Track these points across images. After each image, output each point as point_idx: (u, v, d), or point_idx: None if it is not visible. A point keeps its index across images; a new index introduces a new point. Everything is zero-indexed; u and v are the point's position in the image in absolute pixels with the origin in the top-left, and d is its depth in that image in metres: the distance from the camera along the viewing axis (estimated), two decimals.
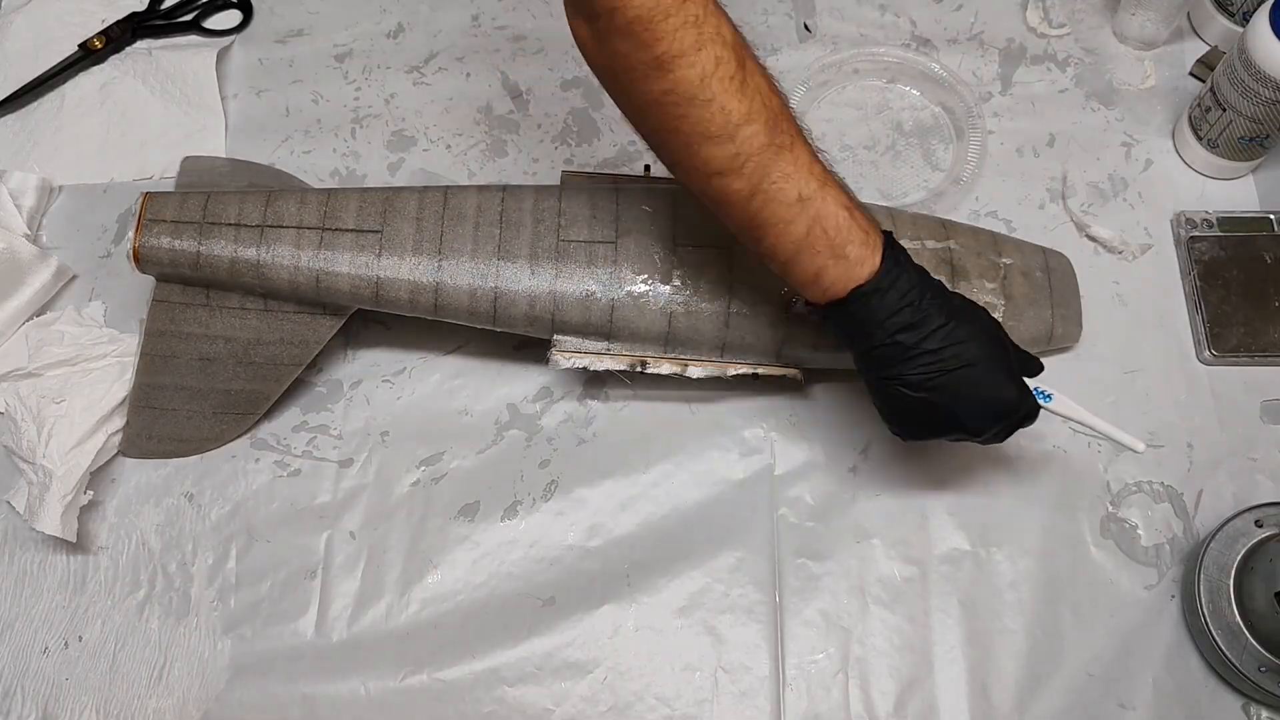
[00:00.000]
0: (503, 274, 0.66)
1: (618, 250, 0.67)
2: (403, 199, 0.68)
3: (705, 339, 0.67)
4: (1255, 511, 0.65)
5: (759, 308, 0.66)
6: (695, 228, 0.67)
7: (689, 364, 0.68)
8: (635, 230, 0.67)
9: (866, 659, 0.66)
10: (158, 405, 0.71)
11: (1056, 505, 0.69)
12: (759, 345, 0.67)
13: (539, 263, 0.66)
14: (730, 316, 0.66)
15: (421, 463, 0.72)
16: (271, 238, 0.67)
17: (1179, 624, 0.66)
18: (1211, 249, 0.76)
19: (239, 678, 0.66)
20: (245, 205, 0.67)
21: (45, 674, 0.67)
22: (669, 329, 0.67)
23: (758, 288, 0.66)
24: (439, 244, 0.67)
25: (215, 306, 0.70)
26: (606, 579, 0.68)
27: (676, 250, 0.67)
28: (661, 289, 0.66)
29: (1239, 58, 0.71)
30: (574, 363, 0.67)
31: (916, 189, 0.80)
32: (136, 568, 0.69)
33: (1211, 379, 0.73)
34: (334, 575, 0.69)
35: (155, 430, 0.72)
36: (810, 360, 0.69)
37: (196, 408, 0.71)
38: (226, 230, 0.67)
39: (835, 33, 0.87)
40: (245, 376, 0.71)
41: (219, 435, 0.72)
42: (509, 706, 0.65)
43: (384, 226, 0.67)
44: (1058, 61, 0.85)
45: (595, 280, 0.66)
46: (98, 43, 0.86)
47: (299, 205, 0.68)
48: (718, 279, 0.66)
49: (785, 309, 0.66)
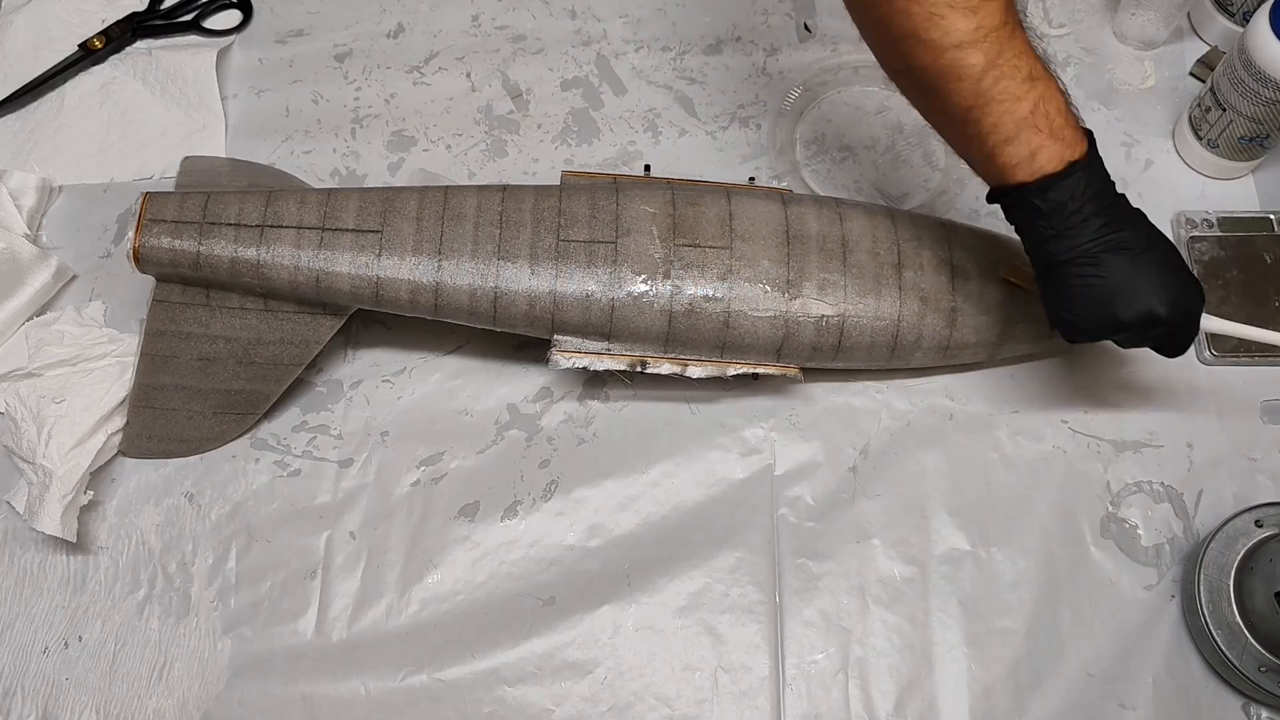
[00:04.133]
0: (503, 274, 0.66)
1: (618, 250, 0.67)
2: (403, 199, 0.68)
3: (705, 339, 0.67)
4: (1255, 511, 0.65)
5: (759, 307, 0.66)
6: (695, 227, 0.68)
7: (689, 364, 0.68)
8: (635, 230, 0.67)
9: (866, 659, 0.66)
10: (158, 405, 0.71)
11: (1056, 505, 0.69)
12: (759, 345, 0.67)
13: (539, 263, 0.66)
14: (730, 316, 0.66)
15: (421, 463, 0.72)
16: (271, 238, 0.66)
17: (1179, 624, 0.66)
18: (1211, 249, 0.76)
19: (239, 678, 0.66)
20: (245, 205, 0.67)
21: (45, 674, 0.67)
22: (669, 329, 0.67)
23: (757, 287, 0.66)
24: (439, 244, 0.67)
25: (215, 306, 0.69)
26: (606, 579, 0.68)
27: (677, 250, 0.67)
28: (662, 289, 0.66)
29: (1239, 58, 0.71)
30: (574, 363, 0.67)
31: (917, 189, 0.80)
32: (136, 568, 0.69)
33: (1211, 379, 0.73)
34: (334, 575, 0.69)
35: (155, 430, 0.72)
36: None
37: (197, 408, 0.71)
38: (226, 230, 0.67)
39: (835, 33, 0.87)
40: (245, 376, 0.71)
41: (219, 435, 0.72)
42: (509, 706, 0.65)
43: (384, 226, 0.67)
44: (1058, 62, 0.85)
45: (595, 280, 0.66)
46: (98, 43, 0.85)
47: (299, 205, 0.68)
48: (718, 279, 0.66)
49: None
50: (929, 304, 0.68)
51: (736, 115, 0.83)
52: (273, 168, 0.79)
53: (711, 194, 0.70)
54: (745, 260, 0.67)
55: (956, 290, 0.68)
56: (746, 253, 0.67)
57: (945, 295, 0.68)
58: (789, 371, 0.69)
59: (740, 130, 0.83)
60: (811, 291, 0.67)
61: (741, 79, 0.85)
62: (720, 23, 0.88)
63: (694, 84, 0.85)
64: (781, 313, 0.67)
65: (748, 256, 0.67)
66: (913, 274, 0.68)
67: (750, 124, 0.83)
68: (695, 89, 0.85)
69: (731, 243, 0.67)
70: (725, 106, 0.84)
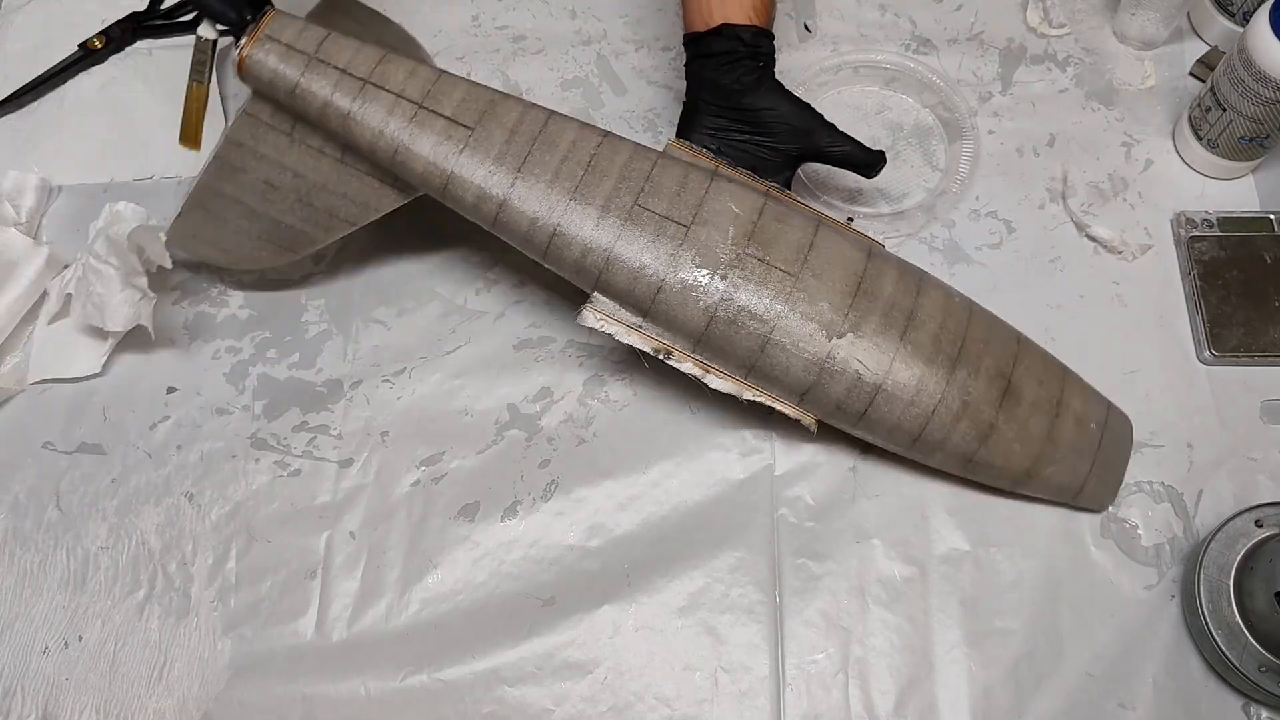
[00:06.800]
0: (569, 215, 0.65)
1: (688, 235, 0.65)
2: (505, 108, 0.68)
3: (737, 355, 0.65)
4: (1255, 511, 0.65)
5: (800, 346, 0.64)
6: (771, 243, 0.65)
7: (711, 372, 0.66)
8: (712, 223, 0.65)
9: (866, 659, 0.66)
10: (212, 210, 0.73)
11: (1056, 505, 0.69)
12: (785, 381, 0.65)
13: (607, 217, 0.65)
14: (769, 343, 0.64)
15: (421, 463, 0.72)
16: (369, 96, 0.67)
17: (1179, 624, 0.66)
18: (1211, 249, 0.76)
19: (239, 678, 0.66)
20: (358, 56, 0.68)
21: (45, 674, 0.67)
22: (705, 330, 0.65)
23: (808, 325, 0.64)
24: (521, 162, 0.66)
25: (296, 140, 0.71)
26: (606, 579, 0.68)
27: (744, 258, 0.64)
28: (714, 288, 0.64)
29: (1239, 58, 0.71)
30: (602, 325, 0.66)
31: (917, 189, 0.80)
32: (136, 568, 0.69)
33: (1211, 379, 0.73)
34: (334, 575, 0.69)
35: (202, 232, 0.73)
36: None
37: (246, 226, 0.73)
38: (331, 73, 0.67)
39: (835, 33, 0.87)
40: (300, 215, 0.72)
41: (256, 259, 0.74)
42: (509, 706, 0.65)
43: (477, 126, 0.67)
44: (1058, 61, 0.85)
45: (653, 255, 0.64)
46: (98, 43, 0.86)
47: (407, 75, 0.67)
48: (772, 301, 0.64)
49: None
50: (968, 411, 0.64)
51: None
52: (408, 33, 0.80)
53: (802, 218, 0.67)
54: (807, 294, 0.64)
55: (1003, 408, 0.65)
56: (811, 288, 0.64)
57: (989, 409, 0.65)
58: (805, 419, 0.66)
59: None
60: (858, 350, 0.64)
61: None
62: None
63: None
64: (820, 359, 0.64)
65: (810, 291, 0.64)
66: (965, 374, 0.64)
67: None
68: None
69: (800, 272, 0.64)
70: None
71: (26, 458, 0.73)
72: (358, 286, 0.78)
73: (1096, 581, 0.67)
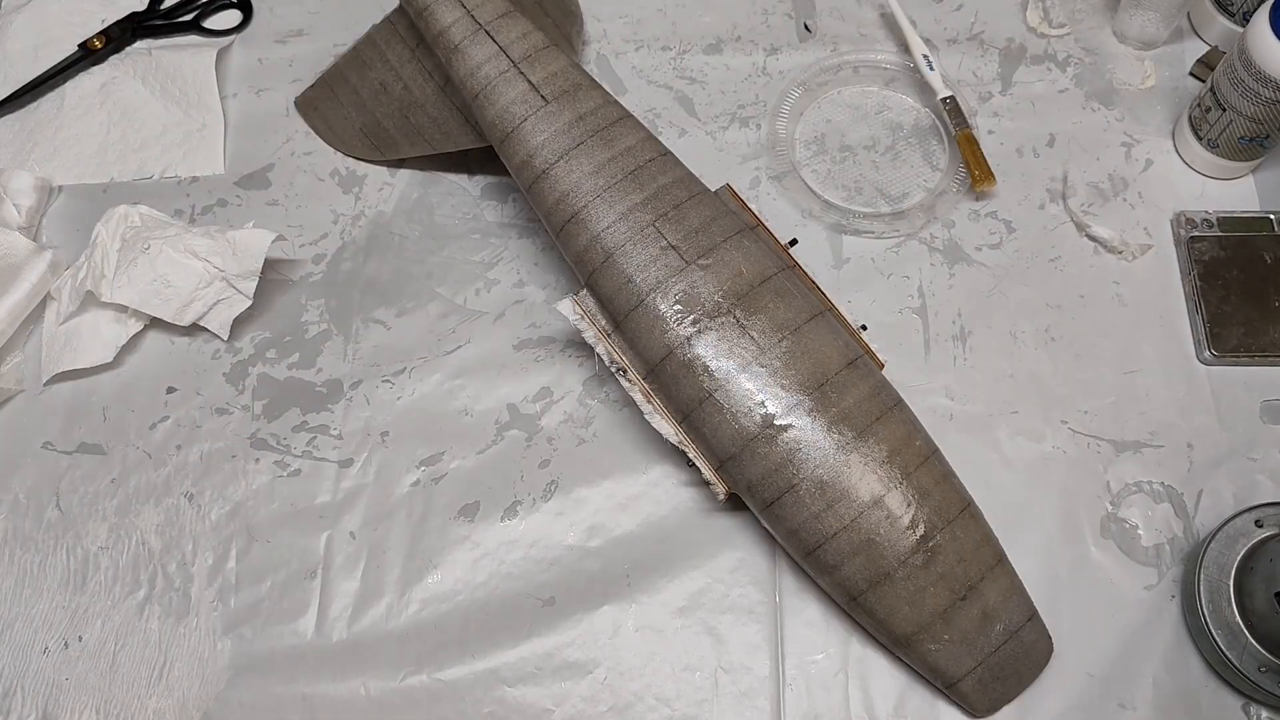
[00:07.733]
0: (591, 207, 0.67)
1: (683, 271, 0.64)
2: (587, 94, 0.71)
3: (678, 398, 0.64)
4: (1255, 511, 0.65)
5: (736, 416, 0.62)
6: (758, 312, 0.63)
7: (652, 405, 0.65)
8: (713, 270, 0.64)
9: (866, 659, 0.66)
10: (334, 90, 0.83)
11: (1056, 505, 0.69)
12: (711, 442, 0.63)
13: (621, 223, 0.66)
14: (708, 400, 0.62)
15: (421, 463, 0.72)
16: (479, 40, 0.72)
17: (1179, 624, 0.66)
18: (1211, 249, 0.76)
19: (239, 678, 0.66)
20: (487, 3, 0.73)
21: (45, 674, 0.67)
22: (660, 363, 0.64)
23: (749, 400, 0.62)
24: (574, 146, 0.68)
25: (418, 57, 0.79)
26: (606, 579, 0.68)
27: (724, 313, 0.63)
28: (683, 328, 0.63)
29: (1239, 58, 0.71)
30: (576, 320, 0.67)
31: (916, 189, 0.80)
32: (136, 568, 0.69)
33: (1211, 379, 0.73)
34: (334, 575, 0.69)
35: (321, 106, 0.83)
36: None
37: (353, 115, 0.82)
38: (458, 9, 0.73)
39: (835, 33, 0.87)
40: (394, 122, 0.80)
41: (351, 147, 0.82)
42: (509, 706, 0.65)
43: (553, 100, 0.70)
44: (1058, 61, 0.85)
45: (643, 274, 0.64)
46: (98, 43, 0.86)
47: (519, 35, 0.72)
48: (727, 363, 0.62)
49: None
50: (871, 549, 0.61)
51: (736, 115, 0.83)
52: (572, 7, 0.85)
53: (805, 302, 0.65)
54: (766, 371, 0.62)
55: (907, 565, 0.60)
56: (773, 368, 0.62)
57: (893, 559, 0.60)
58: (718, 486, 0.64)
59: (740, 130, 0.83)
60: (789, 444, 0.61)
61: (741, 79, 0.85)
62: (720, 23, 0.88)
63: (694, 84, 0.85)
64: (749, 435, 0.62)
65: (770, 370, 0.62)
66: (884, 514, 0.60)
67: (750, 124, 0.83)
68: (695, 89, 0.85)
69: (770, 349, 0.63)
70: (725, 106, 0.84)
71: (26, 458, 0.73)
72: (358, 286, 0.78)
73: (1096, 581, 0.67)
